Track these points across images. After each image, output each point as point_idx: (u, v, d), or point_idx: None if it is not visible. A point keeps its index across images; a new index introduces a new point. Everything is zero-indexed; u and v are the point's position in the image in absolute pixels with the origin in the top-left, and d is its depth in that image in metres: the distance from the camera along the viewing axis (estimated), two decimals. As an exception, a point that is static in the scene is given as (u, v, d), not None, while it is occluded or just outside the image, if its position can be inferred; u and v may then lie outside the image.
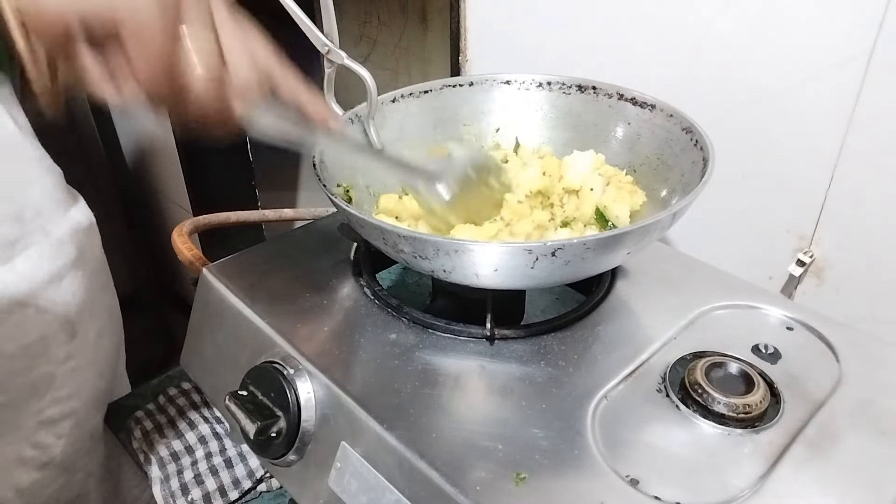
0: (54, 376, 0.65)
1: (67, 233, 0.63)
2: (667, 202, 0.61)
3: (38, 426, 0.66)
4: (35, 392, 0.64)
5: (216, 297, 0.64)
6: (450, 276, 0.50)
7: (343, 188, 0.63)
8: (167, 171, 1.64)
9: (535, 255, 0.46)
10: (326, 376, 0.53)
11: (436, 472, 0.44)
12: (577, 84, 0.69)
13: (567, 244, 0.46)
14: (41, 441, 0.68)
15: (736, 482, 0.44)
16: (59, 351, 0.65)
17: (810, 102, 0.66)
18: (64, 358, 0.66)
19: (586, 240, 0.47)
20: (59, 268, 0.62)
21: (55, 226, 0.62)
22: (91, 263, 0.68)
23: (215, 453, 0.71)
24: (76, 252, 0.64)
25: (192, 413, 0.76)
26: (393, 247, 0.50)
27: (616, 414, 0.49)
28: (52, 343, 0.64)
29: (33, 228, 0.59)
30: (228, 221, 0.81)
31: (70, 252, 0.63)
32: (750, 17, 0.66)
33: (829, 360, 0.54)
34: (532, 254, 0.46)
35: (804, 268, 0.71)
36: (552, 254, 0.46)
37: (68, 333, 0.65)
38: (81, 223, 0.65)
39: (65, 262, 0.63)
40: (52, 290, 0.62)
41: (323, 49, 0.61)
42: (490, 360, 0.54)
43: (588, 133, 0.69)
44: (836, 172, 0.66)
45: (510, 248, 0.47)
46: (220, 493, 0.68)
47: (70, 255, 0.63)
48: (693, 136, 0.59)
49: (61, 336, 0.65)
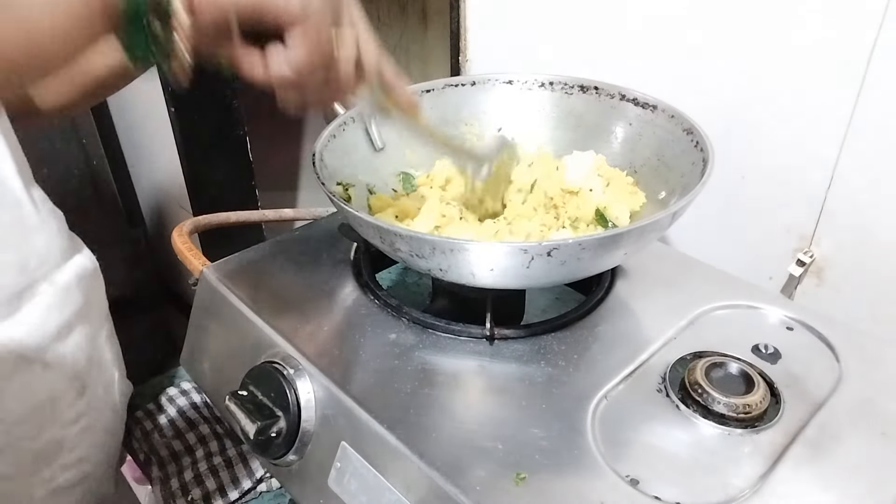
0: (64, 440, 0.60)
1: (73, 280, 0.57)
2: (666, 203, 0.61)
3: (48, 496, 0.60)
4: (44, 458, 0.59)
5: (216, 297, 0.64)
6: (446, 274, 0.50)
7: (342, 186, 0.63)
8: (167, 170, 1.64)
9: (530, 254, 0.47)
10: (326, 376, 0.53)
11: (436, 472, 0.44)
12: (579, 84, 0.69)
13: (562, 244, 0.46)
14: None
15: (736, 482, 0.44)
16: (68, 411, 0.59)
17: (810, 102, 0.66)
18: (74, 418, 0.60)
19: (582, 240, 0.47)
20: (67, 318, 0.56)
21: (60, 274, 0.56)
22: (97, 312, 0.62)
23: (215, 453, 0.71)
24: (83, 300, 0.58)
25: (192, 413, 0.76)
26: (390, 245, 0.51)
27: (616, 414, 0.49)
28: (60, 403, 0.59)
29: (38, 277, 0.54)
30: (228, 221, 0.81)
31: (77, 300, 0.57)
32: (750, 17, 0.66)
33: (829, 359, 0.54)
34: (528, 254, 0.46)
35: (804, 268, 0.71)
36: (548, 254, 0.46)
37: (77, 391, 0.60)
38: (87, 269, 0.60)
39: (73, 311, 0.57)
40: (60, 344, 0.57)
41: None
42: (490, 360, 0.54)
43: (589, 133, 0.69)
44: (836, 172, 0.66)
45: (506, 247, 0.47)
46: (220, 493, 0.68)
47: (77, 303, 0.57)
48: (694, 138, 0.59)
49: (70, 394, 0.59)
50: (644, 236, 0.51)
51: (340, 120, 0.64)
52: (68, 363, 0.58)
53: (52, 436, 0.59)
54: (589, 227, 0.61)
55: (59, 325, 0.56)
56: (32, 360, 0.55)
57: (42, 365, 0.56)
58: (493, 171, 0.61)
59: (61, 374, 0.58)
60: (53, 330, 0.55)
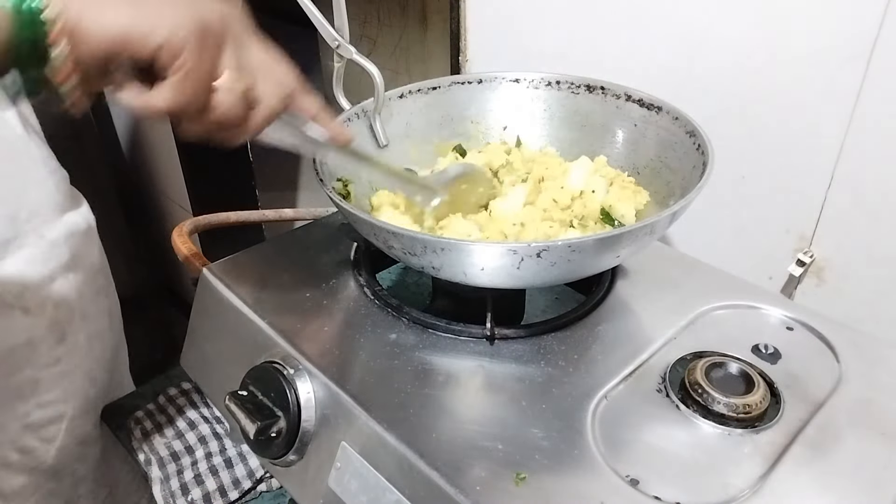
0: (40, 380, 0.64)
1: (63, 235, 0.61)
2: (666, 205, 0.61)
3: (23, 430, 0.65)
4: (19, 395, 0.63)
5: (216, 296, 0.64)
6: (439, 272, 0.51)
7: (342, 182, 0.63)
8: (167, 170, 1.64)
9: (519, 255, 0.47)
10: (326, 376, 0.53)
11: (436, 472, 0.44)
12: (585, 84, 0.69)
13: (552, 246, 0.46)
14: (26, 445, 0.66)
15: (736, 482, 0.44)
16: (46, 355, 0.63)
17: (810, 102, 0.66)
18: (51, 362, 0.64)
19: (571, 242, 0.47)
20: (50, 270, 0.61)
21: (50, 228, 0.60)
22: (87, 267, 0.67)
23: (215, 453, 0.71)
24: (70, 255, 0.63)
25: (192, 413, 0.76)
26: (384, 242, 0.51)
27: (616, 414, 0.49)
28: (38, 346, 0.63)
29: (27, 230, 0.58)
30: (228, 221, 0.81)
31: (63, 255, 0.62)
32: (750, 17, 0.66)
33: (829, 359, 0.54)
34: (517, 254, 0.47)
35: (804, 268, 0.71)
36: (537, 255, 0.46)
37: (56, 337, 0.64)
38: (79, 226, 0.64)
39: (57, 264, 0.61)
40: (42, 293, 0.60)
41: (333, 44, 0.61)
42: (490, 360, 0.54)
43: (594, 133, 0.69)
44: (836, 172, 0.66)
45: (495, 248, 0.47)
46: (219, 494, 0.68)
47: (63, 257, 0.62)
48: (696, 140, 0.59)
49: (49, 339, 0.63)
50: (639, 239, 0.51)
51: (344, 116, 0.64)
52: (48, 311, 0.61)
53: (29, 375, 0.62)
54: (597, 224, 0.61)
55: (42, 275, 0.60)
56: (12, 305, 0.58)
57: (22, 310, 0.59)
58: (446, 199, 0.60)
59: (41, 320, 0.61)
60: (36, 279, 0.59)
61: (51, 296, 0.61)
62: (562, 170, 0.65)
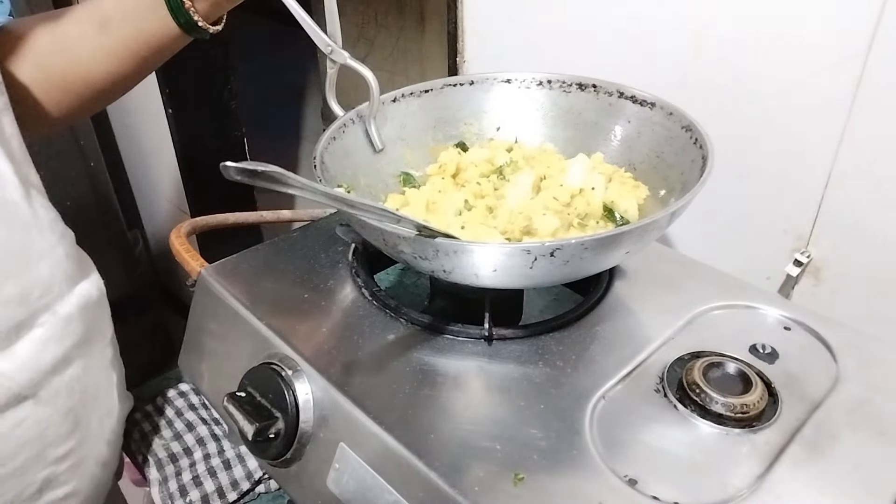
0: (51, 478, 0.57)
1: (76, 309, 0.54)
2: (666, 201, 0.61)
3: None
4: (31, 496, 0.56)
5: (214, 298, 0.64)
6: (450, 276, 0.50)
7: (344, 188, 0.63)
8: (165, 172, 1.64)
9: (533, 255, 0.47)
10: (325, 377, 0.53)
11: (434, 473, 0.44)
12: (577, 82, 0.69)
13: (565, 244, 0.46)
14: None
15: (734, 482, 0.45)
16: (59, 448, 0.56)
17: (807, 103, 0.66)
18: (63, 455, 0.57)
19: (584, 240, 0.47)
20: (65, 350, 0.53)
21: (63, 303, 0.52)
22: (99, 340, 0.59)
23: (213, 455, 0.71)
24: (83, 330, 0.54)
25: (190, 414, 0.76)
26: (393, 247, 0.51)
27: (614, 414, 0.49)
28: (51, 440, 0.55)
29: (39, 308, 0.50)
30: (226, 223, 0.81)
31: (77, 331, 0.54)
32: (747, 17, 0.67)
33: (826, 359, 0.55)
34: (531, 254, 0.47)
35: (801, 268, 0.71)
36: (551, 254, 0.46)
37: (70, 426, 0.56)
38: (92, 297, 0.56)
39: (72, 342, 0.53)
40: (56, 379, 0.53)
41: (326, 49, 0.61)
42: (488, 361, 0.55)
43: (588, 131, 0.69)
44: (832, 172, 0.66)
45: (509, 248, 0.47)
46: (218, 495, 0.67)
47: (78, 334, 0.54)
48: (692, 135, 0.59)
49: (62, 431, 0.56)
50: (646, 235, 0.51)
51: (340, 122, 0.64)
52: (62, 398, 0.55)
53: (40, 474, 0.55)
54: (599, 223, 0.61)
55: (56, 358, 0.53)
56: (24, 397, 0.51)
57: (34, 401, 0.52)
58: None
59: (54, 409, 0.54)
60: (49, 364, 0.52)
61: (64, 380, 0.54)
62: (560, 167, 0.66)
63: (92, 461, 0.62)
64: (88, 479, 0.61)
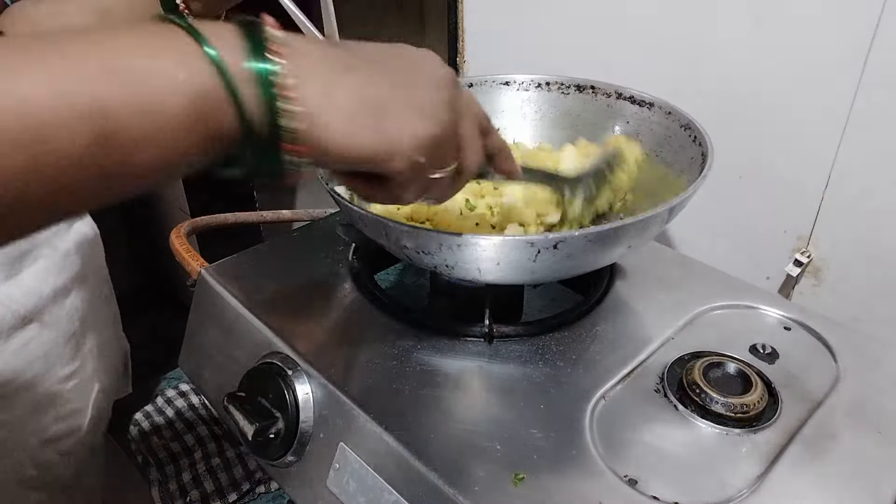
0: (57, 393, 0.63)
1: (74, 246, 0.61)
2: (663, 198, 0.61)
3: (41, 445, 0.64)
4: (38, 410, 0.63)
5: (214, 298, 0.64)
6: (452, 271, 0.50)
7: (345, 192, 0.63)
8: (165, 172, 1.63)
9: (537, 247, 0.47)
10: (325, 377, 0.53)
11: (434, 473, 0.44)
12: (575, 84, 0.69)
13: (568, 237, 0.46)
14: (44, 460, 0.65)
15: (734, 482, 0.44)
16: (62, 369, 0.63)
17: (807, 103, 0.66)
18: (67, 375, 0.64)
19: (587, 232, 0.47)
20: (64, 281, 0.60)
21: (62, 239, 0.60)
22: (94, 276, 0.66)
23: (213, 455, 0.71)
24: (81, 265, 0.62)
25: (190, 414, 0.76)
26: (395, 243, 0.50)
27: (614, 414, 0.49)
28: (56, 360, 0.62)
29: (41, 242, 0.58)
30: (226, 222, 0.81)
31: (75, 265, 0.61)
32: (748, 18, 0.67)
33: (826, 359, 0.55)
34: (534, 247, 0.47)
35: (801, 268, 0.71)
36: (554, 246, 0.47)
37: (72, 349, 0.63)
38: (87, 235, 0.64)
39: (70, 275, 0.61)
40: (57, 306, 0.60)
41: None
42: (488, 361, 0.55)
43: (587, 132, 0.69)
44: (832, 172, 0.66)
45: (512, 241, 0.47)
46: (218, 495, 0.68)
47: (75, 267, 0.61)
48: (691, 133, 0.59)
49: (65, 352, 0.63)
50: (648, 228, 0.51)
51: None
52: (63, 324, 0.60)
53: (47, 389, 0.61)
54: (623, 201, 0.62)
55: (57, 287, 0.59)
56: (31, 320, 0.57)
57: (39, 324, 0.58)
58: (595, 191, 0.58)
59: (57, 333, 0.60)
60: (51, 292, 0.58)
61: (65, 307, 0.61)
62: (554, 160, 0.66)
63: (93, 385, 0.68)
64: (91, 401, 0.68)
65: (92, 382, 0.67)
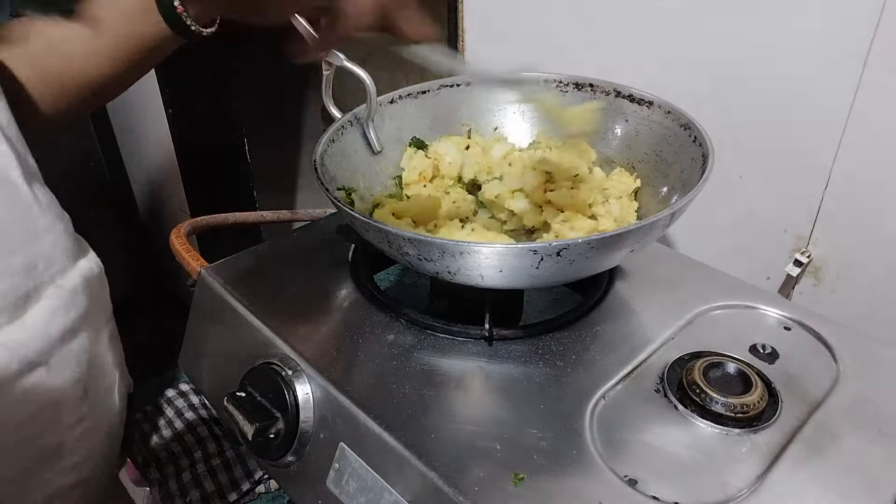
0: (63, 443, 0.59)
1: (80, 283, 0.57)
2: (667, 200, 0.61)
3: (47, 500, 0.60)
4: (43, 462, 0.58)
5: (214, 298, 0.64)
6: (455, 277, 0.50)
7: (345, 191, 0.63)
8: (165, 172, 1.64)
9: (539, 255, 0.47)
10: (324, 377, 0.53)
11: (434, 473, 0.44)
12: (574, 82, 0.69)
13: (571, 244, 0.46)
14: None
15: (734, 482, 0.44)
16: (70, 415, 0.59)
17: (807, 103, 0.66)
18: (75, 422, 0.59)
19: (590, 239, 0.47)
20: (72, 321, 0.55)
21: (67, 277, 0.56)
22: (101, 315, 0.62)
23: (213, 455, 0.71)
24: (88, 303, 0.58)
25: (190, 414, 0.76)
26: (398, 249, 0.50)
27: (614, 414, 0.49)
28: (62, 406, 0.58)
29: (45, 280, 0.54)
30: (226, 223, 0.81)
31: (82, 303, 0.57)
32: (748, 18, 0.67)
33: (826, 359, 0.55)
34: (537, 254, 0.47)
35: (801, 268, 0.71)
36: (557, 253, 0.46)
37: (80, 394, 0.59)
38: (93, 272, 0.60)
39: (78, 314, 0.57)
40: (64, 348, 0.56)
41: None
42: (488, 361, 0.55)
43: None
44: (832, 173, 0.66)
45: (515, 248, 0.47)
46: (218, 495, 0.67)
47: (82, 306, 0.57)
48: (691, 133, 0.59)
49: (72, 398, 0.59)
50: (650, 233, 0.51)
51: (338, 124, 0.64)
52: (72, 367, 0.57)
53: (54, 439, 0.58)
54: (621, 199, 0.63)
55: (64, 328, 0.55)
56: (36, 364, 0.54)
57: (46, 368, 0.55)
58: None
59: (64, 377, 0.57)
60: (58, 333, 0.55)
61: (73, 349, 0.57)
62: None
63: (101, 431, 0.64)
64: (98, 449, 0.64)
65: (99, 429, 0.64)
